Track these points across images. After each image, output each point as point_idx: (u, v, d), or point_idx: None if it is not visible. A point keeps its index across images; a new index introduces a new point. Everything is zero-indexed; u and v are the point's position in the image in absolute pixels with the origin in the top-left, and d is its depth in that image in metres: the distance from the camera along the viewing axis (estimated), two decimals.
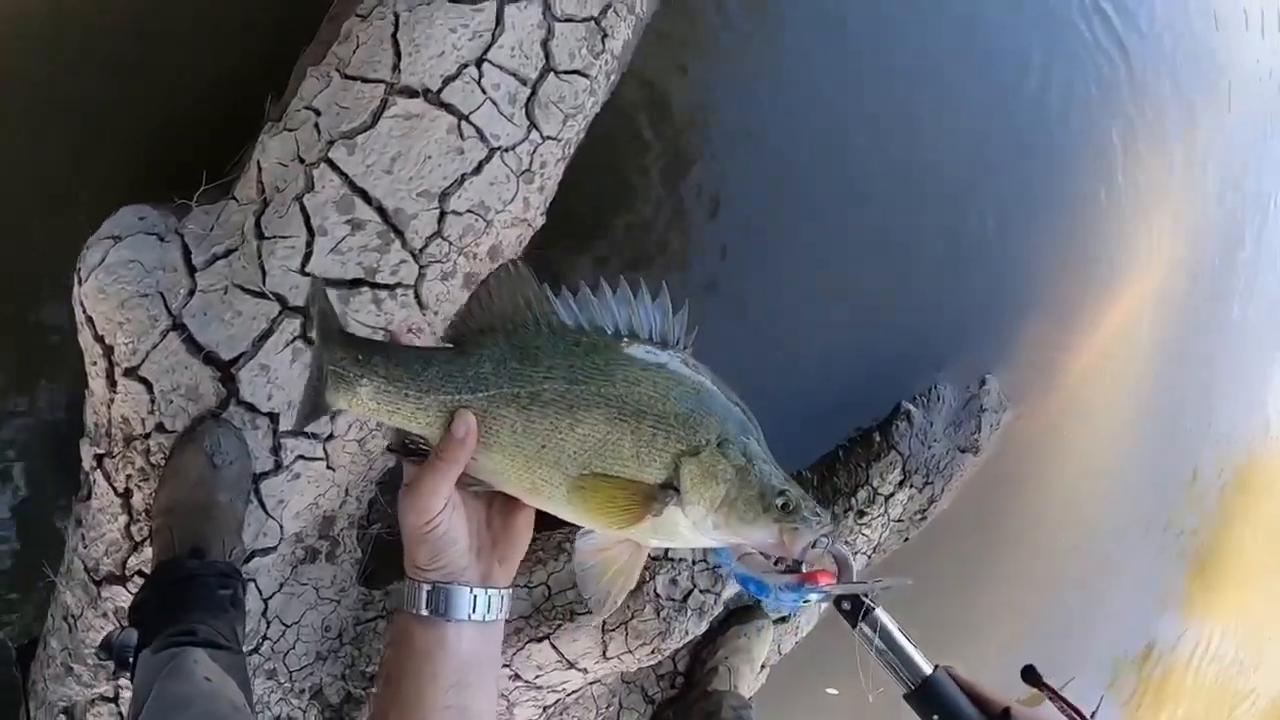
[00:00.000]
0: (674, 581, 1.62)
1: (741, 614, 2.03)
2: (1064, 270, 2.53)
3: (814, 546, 0.83)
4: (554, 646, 1.60)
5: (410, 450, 0.84)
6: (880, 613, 0.91)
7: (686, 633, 1.63)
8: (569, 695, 1.77)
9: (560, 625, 1.59)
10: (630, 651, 1.60)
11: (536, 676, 1.63)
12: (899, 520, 2.31)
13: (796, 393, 2.19)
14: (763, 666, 2.11)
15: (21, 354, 1.87)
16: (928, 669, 0.90)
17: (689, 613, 1.63)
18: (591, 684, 1.85)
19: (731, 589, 1.70)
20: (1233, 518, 3.13)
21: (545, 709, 1.75)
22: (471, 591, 0.78)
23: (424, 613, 0.77)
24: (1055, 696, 0.96)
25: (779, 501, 0.78)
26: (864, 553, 2.21)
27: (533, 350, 0.79)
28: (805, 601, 0.93)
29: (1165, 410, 2.90)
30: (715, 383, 0.80)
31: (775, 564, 0.92)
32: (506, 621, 0.84)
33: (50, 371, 1.85)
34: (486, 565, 0.81)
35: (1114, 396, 2.79)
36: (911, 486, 2.30)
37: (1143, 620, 3.04)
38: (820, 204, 2.26)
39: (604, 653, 1.61)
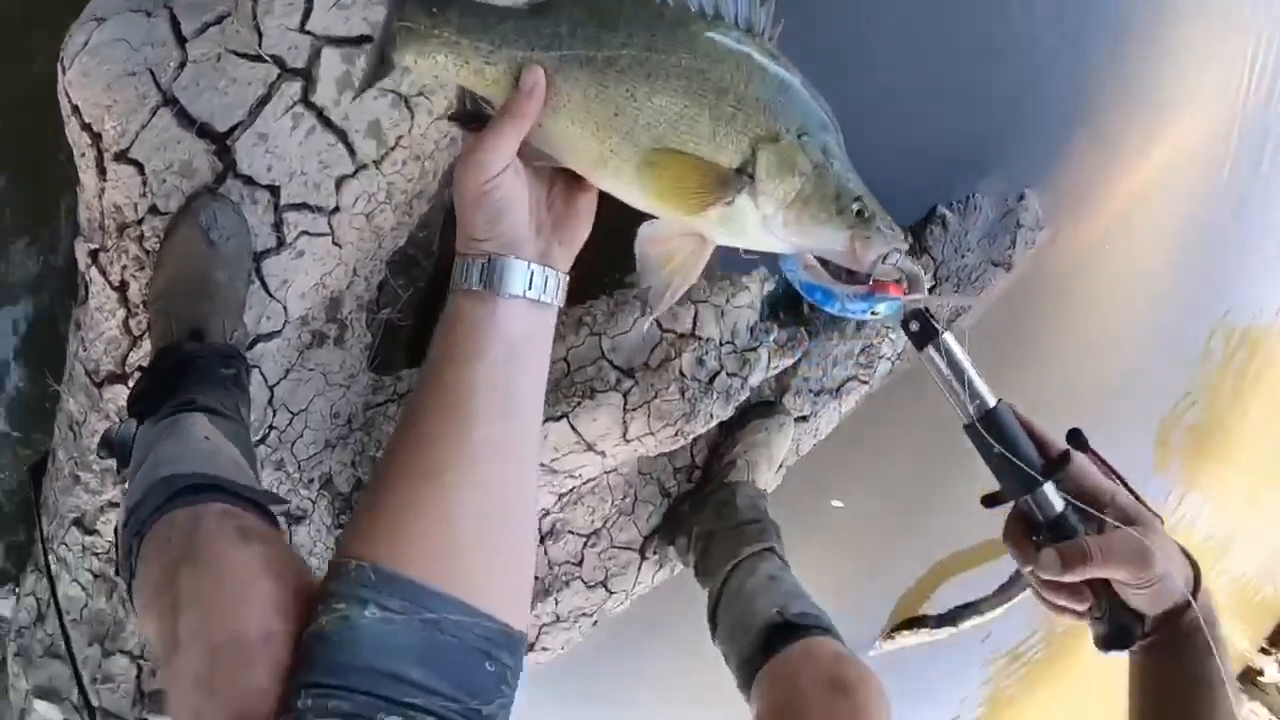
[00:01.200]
0: (700, 361, 1.56)
1: (762, 409, 1.97)
2: (1114, 93, 2.38)
3: (885, 260, 0.79)
4: (572, 426, 1.55)
5: (473, 116, 0.82)
6: (948, 337, 0.86)
7: (712, 416, 1.58)
8: (585, 484, 1.74)
9: (579, 404, 1.53)
10: (652, 433, 1.55)
11: (553, 460, 1.59)
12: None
13: None
14: (781, 465, 2.07)
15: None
16: (992, 400, 0.85)
17: (715, 395, 1.57)
18: (608, 473, 1.81)
19: (758, 374, 1.63)
20: (1239, 387, 3.03)
21: (560, 497, 1.73)
22: (529, 266, 0.75)
23: (476, 287, 0.74)
24: (1100, 461, 0.90)
25: (855, 207, 0.76)
26: (889, 358, 2.14)
27: (613, 16, 0.76)
28: (873, 314, 0.86)
29: (1194, 266, 2.77)
30: (799, 78, 0.78)
31: (842, 277, 0.85)
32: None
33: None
34: (545, 243, 0.78)
35: (1147, 239, 2.66)
36: (940, 293, 2.21)
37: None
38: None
39: (624, 434, 1.56)
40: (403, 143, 1.54)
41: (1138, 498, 0.87)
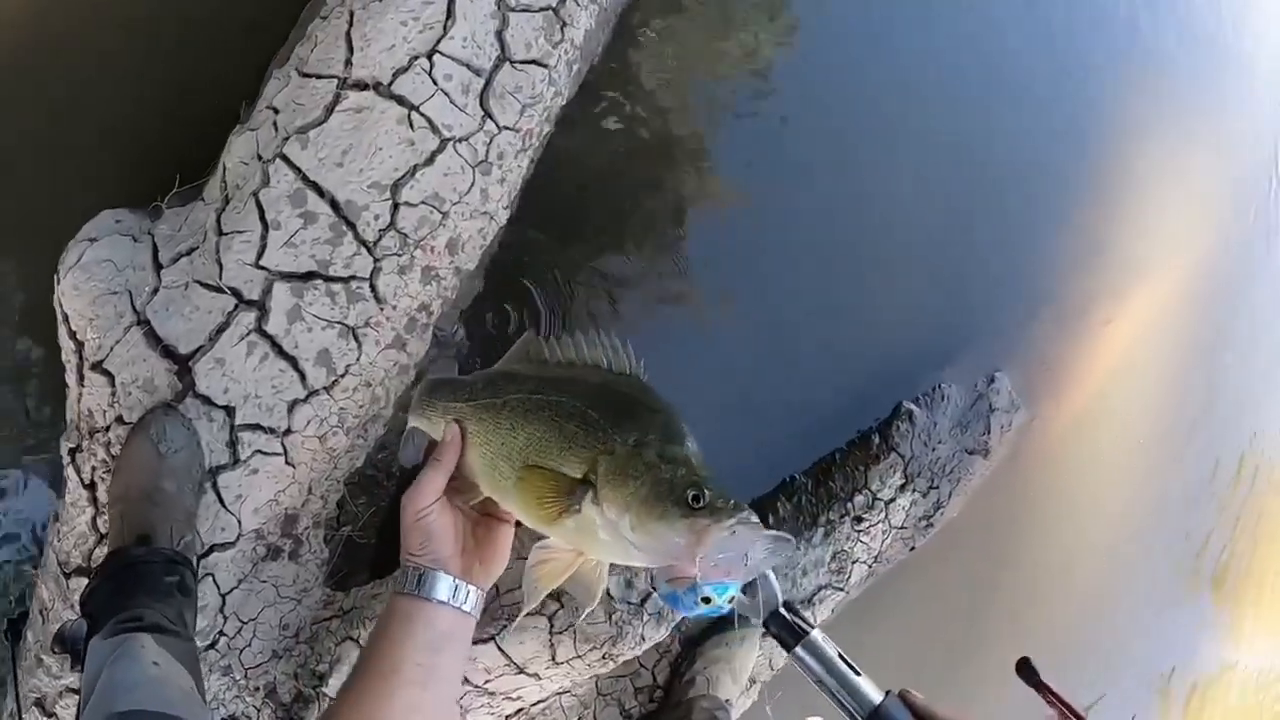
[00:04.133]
0: (629, 584, 1.56)
1: (722, 623, 1.94)
2: (1077, 263, 2.39)
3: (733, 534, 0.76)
4: (500, 648, 1.54)
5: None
6: (817, 635, 0.87)
7: (643, 638, 1.56)
8: (532, 705, 1.71)
9: (505, 626, 1.54)
10: (580, 656, 1.54)
11: (486, 681, 1.58)
12: (902, 527, 2.20)
13: (790, 390, 2.11)
14: (752, 681, 2.02)
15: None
16: (876, 698, 0.83)
17: (645, 617, 1.56)
18: (560, 694, 1.79)
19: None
20: (1261, 525, 2.90)
21: (506, 718, 1.70)
22: (453, 580, 0.94)
23: (411, 591, 0.93)
24: (1051, 696, 0.89)
25: (690, 494, 0.78)
26: (864, 562, 2.10)
27: (516, 373, 1.00)
28: (705, 601, 0.91)
29: (1190, 413, 2.70)
30: (648, 395, 0.90)
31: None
32: None
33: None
34: (468, 563, 0.97)
35: (1135, 399, 2.61)
36: (914, 490, 2.18)
37: (1170, 637, 2.83)
38: (817, 190, 2.18)
39: (553, 657, 1.55)
40: (352, 370, 1.62)
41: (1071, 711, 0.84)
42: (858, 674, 0.85)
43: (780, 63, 2.16)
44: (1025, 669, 0.93)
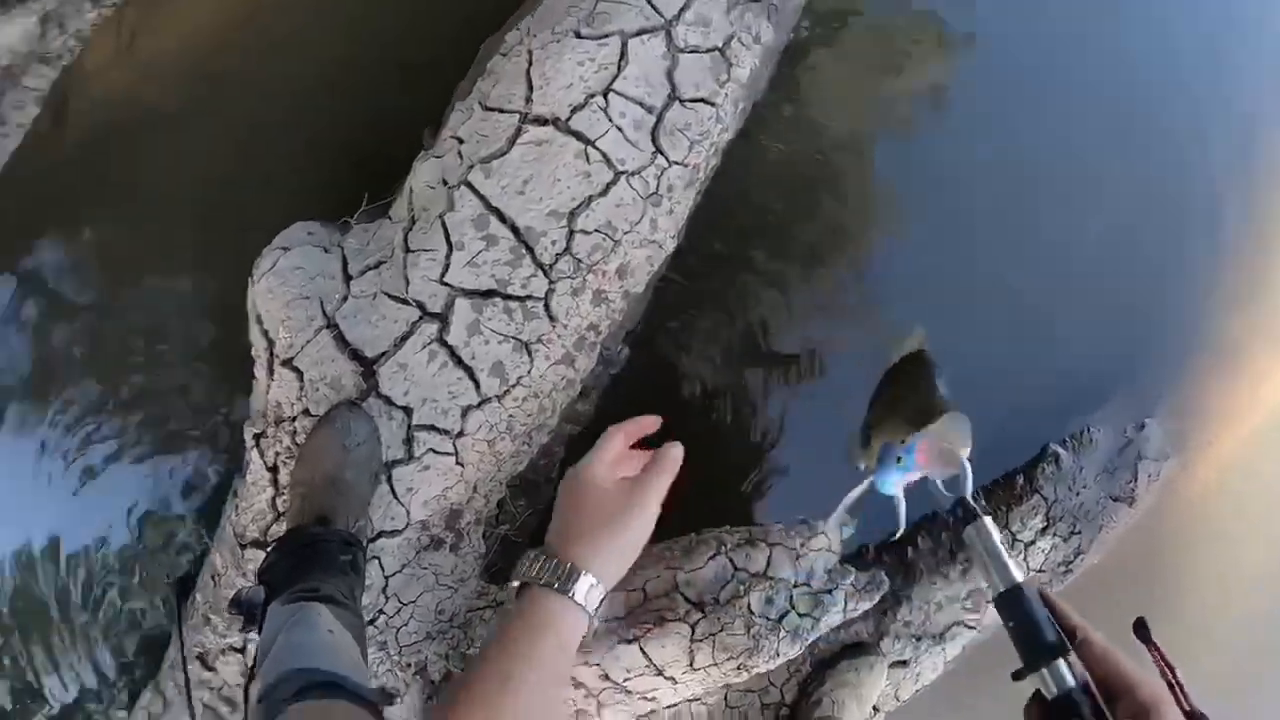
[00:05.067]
0: (769, 600, 1.62)
1: (853, 650, 1.98)
2: (1235, 307, 2.30)
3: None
4: (643, 650, 1.63)
5: None
6: (987, 520, 0.95)
7: (777, 654, 1.62)
8: (665, 709, 1.79)
9: (649, 630, 1.62)
10: (716, 664, 1.61)
11: (625, 679, 1.67)
12: (1040, 570, 2.17)
13: None
14: (876, 710, 2.04)
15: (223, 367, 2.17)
16: (1019, 577, 0.91)
17: (782, 634, 1.62)
18: (691, 702, 1.87)
19: (833, 616, 1.67)
20: None
21: (638, 718, 1.79)
22: (592, 580, 0.88)
23: (558, 586, 0.87)
24: (1160, 657, 0.91)
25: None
26: None
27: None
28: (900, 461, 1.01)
29: None
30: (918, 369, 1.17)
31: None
32: (601, 621, 0.95)
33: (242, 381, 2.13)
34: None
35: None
36: (1055, 535, 2.15)
37: None
38: (980, 217, 2.19)
39: (691, 662, 1.63)
40: (523, 382, 1.75)
41: (1184, 695, 0.84)
42: (1010, 557, 0.93)
43: (949, 89, 2.19)
44: (1141, 629, 0.95)
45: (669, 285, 2.00)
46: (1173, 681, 0.85)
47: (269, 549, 1.63)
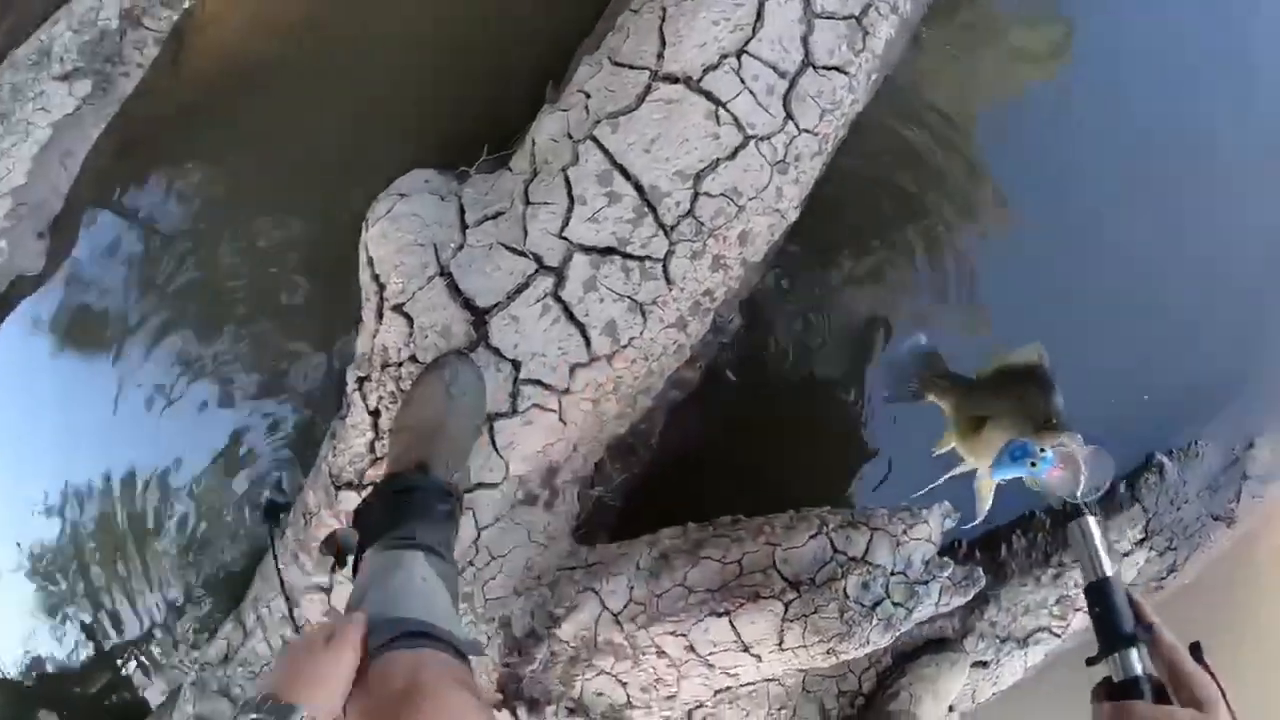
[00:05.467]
0: (865, 586, 1.58)
1: (936, 645, 1.94)
2: None
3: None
4: (732, 625, 1.61)
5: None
6: (1090, 520, 1.11)
7: (868, 641, 1.59)
8: (741, 685, 1.78)
9: (743, 604, 1.60)
10: (805, 646, 1.59)
11: (710, 653, 1.65)
12: (1133, 584, 2.11)
13: None
14: (951, 709, 2.00)
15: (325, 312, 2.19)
16: (1110, 571, 1.05)
17: (875, 621, 1.59)
18: (769, 681, 1.85)
19: (926, 608, 1.63)
20: None
21: (716, 692, 1.77)
22: None
23: None
24: (1212, 676, 0.98)
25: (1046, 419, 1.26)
26: (1086, 611, 2.04)
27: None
28: (1030, 466, 1.17)
29: None
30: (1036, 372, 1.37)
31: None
32: (693, 591, 1.11)
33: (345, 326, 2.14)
34: None
35: None
36: (1151, 548, 2.09)
37: None
38: (1095, 212, 2.12)
39: (780, 642, 1.60)
40: (635, 343, 1.72)
41: (1227, 702, 0.92)
42: (1107, 552, 1.09)
43: (1072, 82, 2.12)
44: (1195, 650, 1.02)
45: (786, 258, 1.96)
46: (1227, 697, 0.93)
47: (366, 492, 1.65)
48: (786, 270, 2.02)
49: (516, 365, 1.73)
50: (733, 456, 1.99)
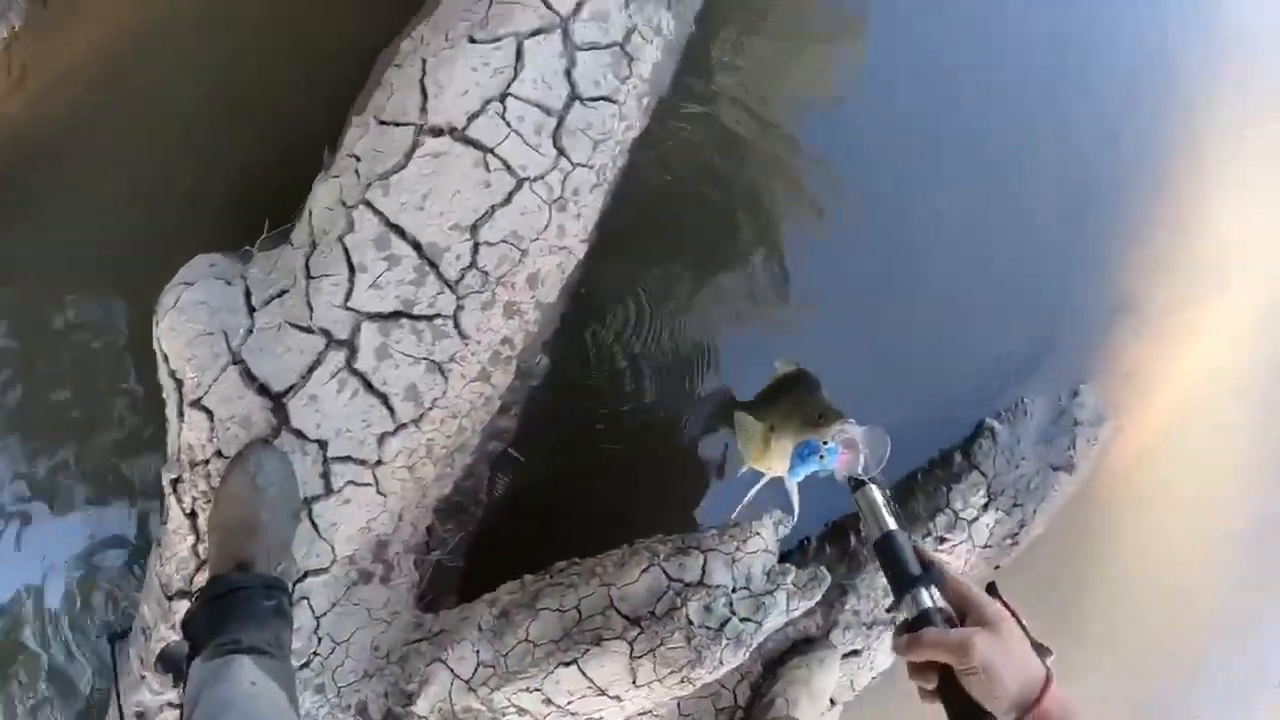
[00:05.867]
0: (708, 609, 1.58)
1: (804, 645, 1.95)
2: (1158, 271, 2.32)
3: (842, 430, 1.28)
4: (582, 671, 1.58)
5: None
6: (871, 486, 1.18)
7: (721, 662, 1.58)
8: None
9: (588, 650, 1.58)
10: (660, 680, 1.57)
11: (569, 702, 1.62)
12: (986, 546, 2.16)
13: (868, 410, 2.12)
14: (833, 702, 2.02)
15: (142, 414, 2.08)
16: (892, 526, 1.13)
17: (724, 642, 1.58)
18: (642, 714, 1.82)
19: (776, 617, 1.64)
20: None
21: None
22: None
23: None
24: (1005, 604, 1.06)
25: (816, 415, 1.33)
26: None
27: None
28: (819, 459, 1.28)
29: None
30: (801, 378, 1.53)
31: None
32: (537, 645, 1.11)
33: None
34: None
35: (1226, 415, 2.51)
36: (998, 509, 2.14)
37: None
38: (891, 202, 2.17)
39: (633, 680, 1.58)
40: (439, 404, 1.68)
41: (1028, 632, 1.01)
42: (888, 512, 1.16)
43: (857, 77, 2.17)
44: (991, 588, 1.08)
45: (583, 289, 1.94)
46: (1022, 622, 1.01)
47: (192, 601, 1.57)
48: (595, 302, 2.00)
49: (323, 445, 1.67)
50: (571, 495, 1.96)
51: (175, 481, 1.75)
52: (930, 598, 1.04)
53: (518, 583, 1.74)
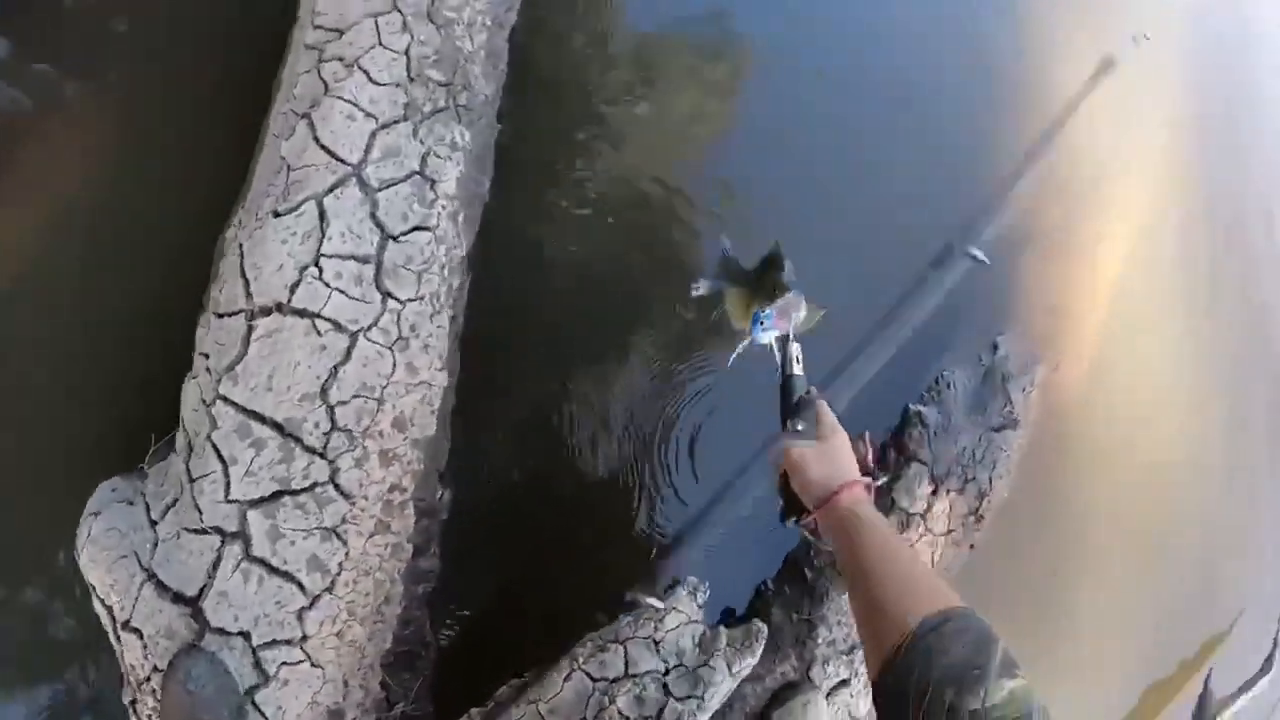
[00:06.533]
0: (639, 699, 1.55)
1: (785, 691, 1.91)
2: (1045, 195, 2.25)
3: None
4: None
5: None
6: (788, 338, 1.48)
7: None
8: None
9: None
10: None
11: None
12: (949, 531, 2.11)
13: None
14: None
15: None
16: (794, 371, 1.46)
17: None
18: None
19: (723, 683, 1.61)
20: None
21: None
22: None
23: None
24: (865, 441, 1.33)
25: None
26: None
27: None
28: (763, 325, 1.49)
29: (1216, 335, 2.46)
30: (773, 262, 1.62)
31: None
32: None
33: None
34: None
35: (1147, 331, 2.41)
36: (949, 491, 2.09)
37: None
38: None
39: None
40: (345, 566, 1.71)
41: (871, 452, 1.32)
42: (800, 368, 1.47)
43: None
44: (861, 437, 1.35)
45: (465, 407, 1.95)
46: (865, 446, 1.31)
47: None
48: (481, 414, 2.01)
49: (246, 636, 1.70)
50: (520, 603, 1.96)
51: (133, 703, 1.80)
52: (795, 424, 1.32)
53: (466, 717, 1.74)
